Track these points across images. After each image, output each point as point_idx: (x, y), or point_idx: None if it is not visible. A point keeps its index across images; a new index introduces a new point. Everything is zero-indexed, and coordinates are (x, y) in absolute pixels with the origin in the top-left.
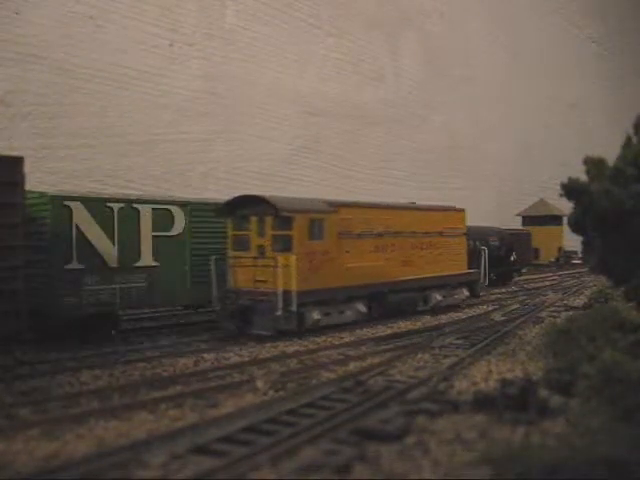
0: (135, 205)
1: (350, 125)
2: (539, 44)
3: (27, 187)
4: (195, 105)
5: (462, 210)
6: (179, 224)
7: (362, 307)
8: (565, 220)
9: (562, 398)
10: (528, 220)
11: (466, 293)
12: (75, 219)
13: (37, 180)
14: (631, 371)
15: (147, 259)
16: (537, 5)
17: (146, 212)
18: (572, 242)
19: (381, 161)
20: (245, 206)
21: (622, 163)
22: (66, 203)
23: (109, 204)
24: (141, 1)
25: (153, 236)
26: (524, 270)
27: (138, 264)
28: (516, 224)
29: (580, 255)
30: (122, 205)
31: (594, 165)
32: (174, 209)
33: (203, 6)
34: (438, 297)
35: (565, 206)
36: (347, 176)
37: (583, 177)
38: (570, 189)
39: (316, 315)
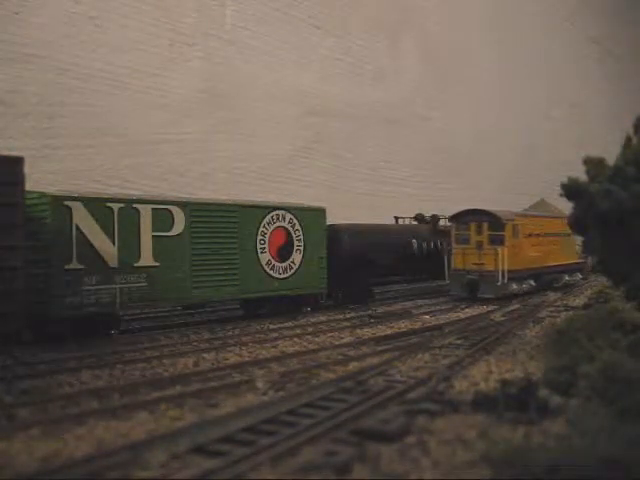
0: (135, 205)
1: (350, 125)
2: (539, 44)
3: (27, 187)
4: (195, 105)
5: None
6: (179, 224)
7: (532, 282)
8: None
9: (562, 398)
10: None
11: (580, 276)
12: (75, 219)
13: (37, 180)
14: (631, 371)
15: (147, 259)
16: (537, 5)
17: (146, 212)
18: None
19: (381, 161)
20: (465, 215)
21: (622, 163)
22: (66, 203)
23: (109, 204)
24: (141, 1)
25: (153, 236)
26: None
27: (138, 264)
28: None
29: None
30: (122, 205)
31: (594, 165)
32: (174, 209)
33: (203, 6)
34: (566, 277)
35: (565, 206)
36: (347, 176)
37: (583, 177)
38: (570, 189)
39: (514, 286)
